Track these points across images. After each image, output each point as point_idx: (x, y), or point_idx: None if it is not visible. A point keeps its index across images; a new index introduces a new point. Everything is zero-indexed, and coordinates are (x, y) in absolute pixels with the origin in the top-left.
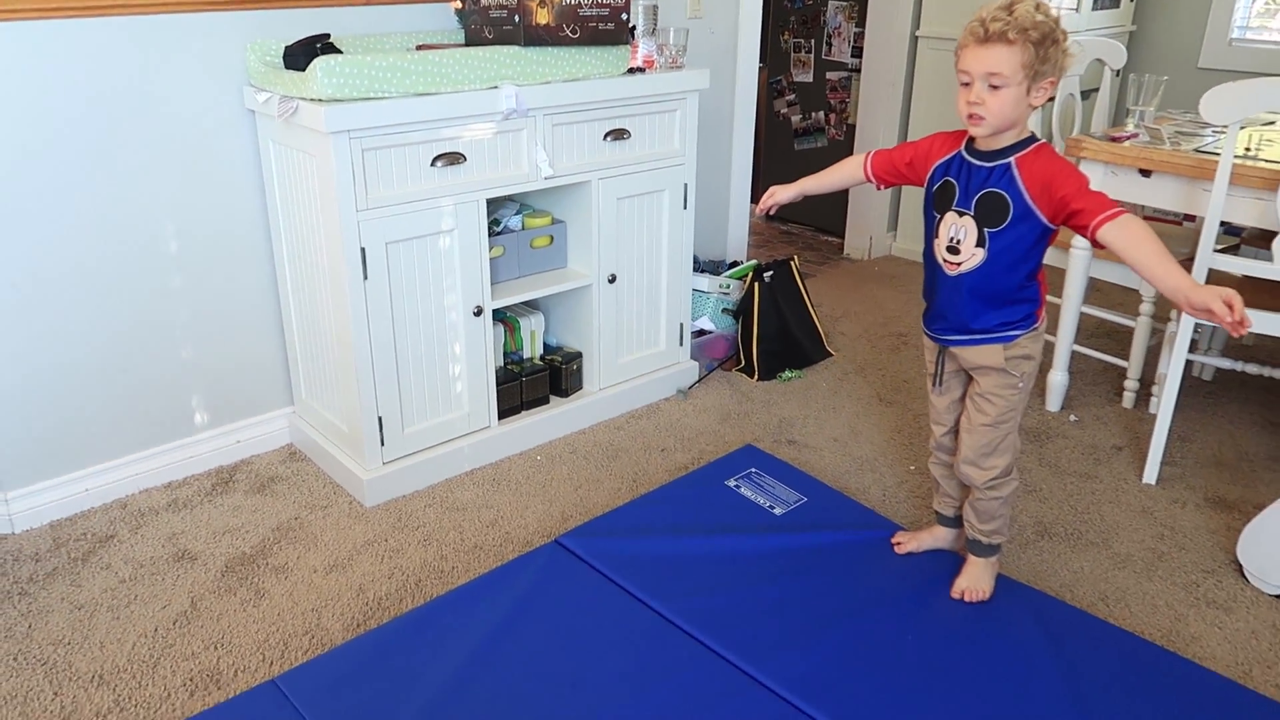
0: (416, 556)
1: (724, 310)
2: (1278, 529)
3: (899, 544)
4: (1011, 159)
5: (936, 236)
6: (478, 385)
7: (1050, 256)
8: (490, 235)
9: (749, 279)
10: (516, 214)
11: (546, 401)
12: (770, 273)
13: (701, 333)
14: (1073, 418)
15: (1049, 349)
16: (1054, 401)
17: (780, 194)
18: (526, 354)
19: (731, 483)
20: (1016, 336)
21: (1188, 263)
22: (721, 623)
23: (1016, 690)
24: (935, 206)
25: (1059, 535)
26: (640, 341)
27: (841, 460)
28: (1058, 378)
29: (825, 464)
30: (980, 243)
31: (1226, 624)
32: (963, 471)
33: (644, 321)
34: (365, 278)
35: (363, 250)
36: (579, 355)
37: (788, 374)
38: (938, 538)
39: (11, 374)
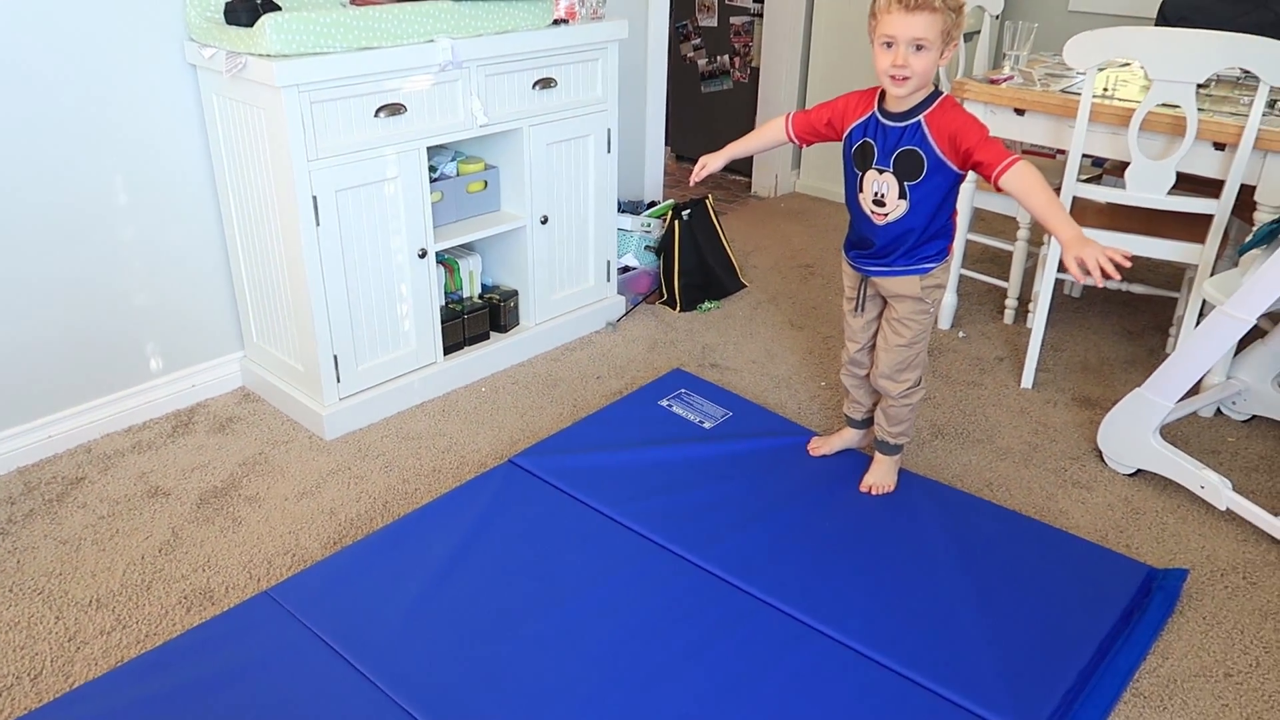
0: (380, 481)
1: (646, 248)
2: (1128, 420)
3: (814, 448)
4: (920, 117)
5: (861, 191)
6: (424, 323)
7: None
8: (429, 181)
9: (668, 218)
10: (452, 160)
11: (487, 337)
12: (688, 211)
13: (626, 269)
14: (961, 334)
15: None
16: (945, 320)
17: (711, 163)
18: (466, 293)
19: (664, 403)
20: (932, 269)
21: (1057, 191)
22: (664, 521)
23: (919, 561)
24: (856, 165)
25: (950, 435)
26: (571, 279)
27: (760, 380)
28: (947, 299)
29: (746, 383)
30: (902, 195)
31: (1088, 500)
32: (880, 384)
33: (574, 260)
34: (318, 224)
35: (314, 198)
36: (515, 293)
37: (707, 305)
38: (847, 439)
39: None
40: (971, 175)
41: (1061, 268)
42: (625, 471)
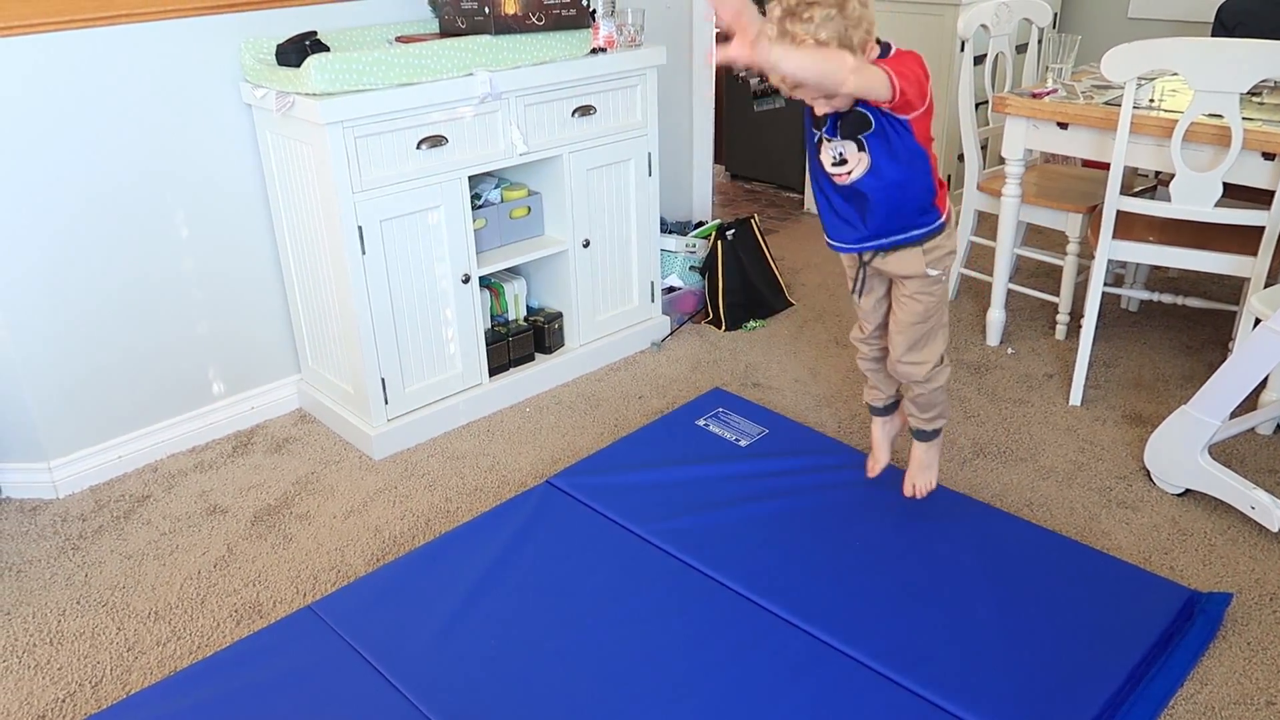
0: (424, 500)
1: (691, 268)
2: (1174, 438)
3: (871, 469)
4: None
5: (820, 155)
6: (469, 346)
7: (983, 202)
8: (473, 209)
9: (713, 238)
10: (495, 188)
11: (532, 359)
12: (732, 231)
13: (671, 289)
14: (1010, 350)
15: (985, 289)
16: (993, 336)
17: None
18: (511, 316)
19: (701, 422)
20: (925, 235)
21: (1100, 204)
22: (693, 541)
23: (951, 582)
24: (814, 125)
25: (992, 454)
26: (615, 300)
27: (802, 398)
28: (995, 315)
29: (787, 402)
30: (861, 148)
31: (1133, 520)
32: (900, 371)
33: (617, 281)
34: (363, 253)
35: (360, 228)
36: (559, 315)
37: (752, 324)
38: (878, 438)
39: (48, 356)
40: (1012, 188)
41: (1120, 281)
42: (657, 491)
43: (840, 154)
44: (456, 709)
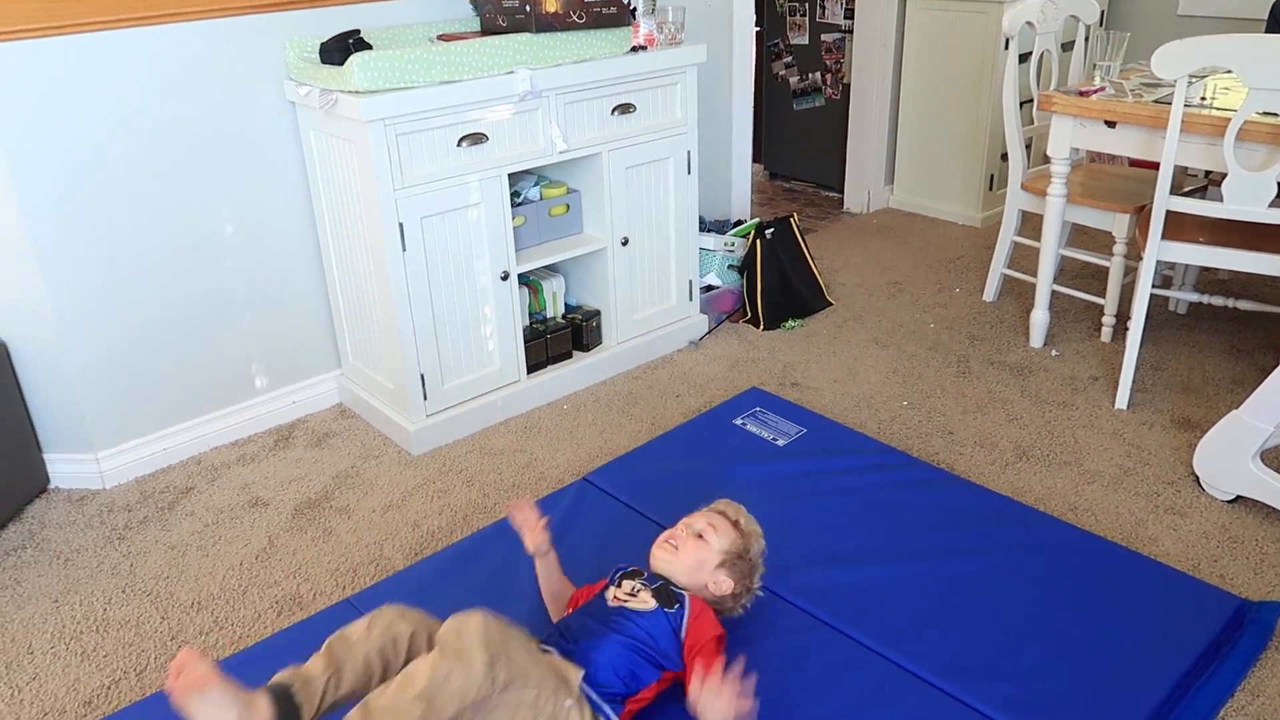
0: (462, 496)
1: (729, 266)
2: (1225, 444)
3: None
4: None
5: (613, 586)
6: (507, 343)
7: (1027, 202)
8: (512, 206)
9: (752, 236)
10: (535, 185)
11: (570, 356)
12: (771, 230)
13: (709, 288)
14: (1054, 352)
15: (1029, 290)
16: (1036, 338)
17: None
18: (550, 313)
19: (738, 421)
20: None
21: (1149, 204)
22: None
23: (993, 586)
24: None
25: (1035, 457)
26: (653, 298)
27: (841, 398)
28: (1039, 316)
29: (825, 402)
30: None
31: (1181, 527)
32: None
33: (655, 280)
34: (404, 249)
35: (400, 225)
36: (597, 313)
37: (791, 323)
38: None
39: (96, 350)
40: (1058, 187)
41: (1168, 283)
42: (692, 488)
43: (638, 589)
44: None
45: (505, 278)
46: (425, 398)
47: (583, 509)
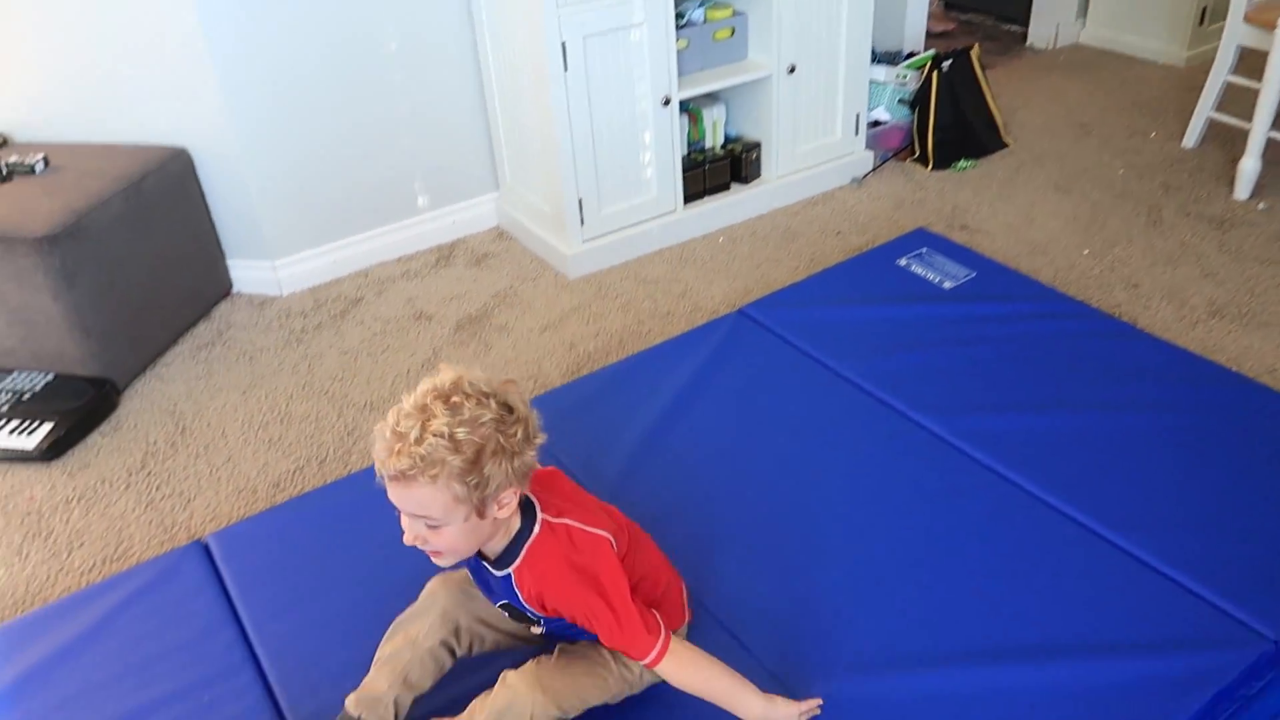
0: (617, 320)
1: (900, 101)
2: None
3: None
4: (510, 570)
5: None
6: (665, 172)
7: (1249, 36)
8: (676, 28)
9: (926, 69)
10: (700, 6)
11: (727, 188)
12: (949, 62)
13: (876, 123)
14: (1262, 205)
15: (1239, 136)
16: (1242, 189)
17: None
18: (709, 143)
19: (903, 261)
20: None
21: None
22: (889, 380)
23: (1181, 442)
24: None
25: (1231, 315)
26: (817, 131)
27: (1014, 244)
28: (1249, 165)
29: (997, 247)
30: (537, 623)
31: None
32: None
33: (821, 112)
34: (565, 69)
35: (563, 44)
36: (758, 145)
37: (963, 163)
38: None
39: (276, 166)
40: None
41: None
42: (853, 327)
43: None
44: (650, 514)
45: (666, 103)
46: (582, 223)
47: (740, 340)
